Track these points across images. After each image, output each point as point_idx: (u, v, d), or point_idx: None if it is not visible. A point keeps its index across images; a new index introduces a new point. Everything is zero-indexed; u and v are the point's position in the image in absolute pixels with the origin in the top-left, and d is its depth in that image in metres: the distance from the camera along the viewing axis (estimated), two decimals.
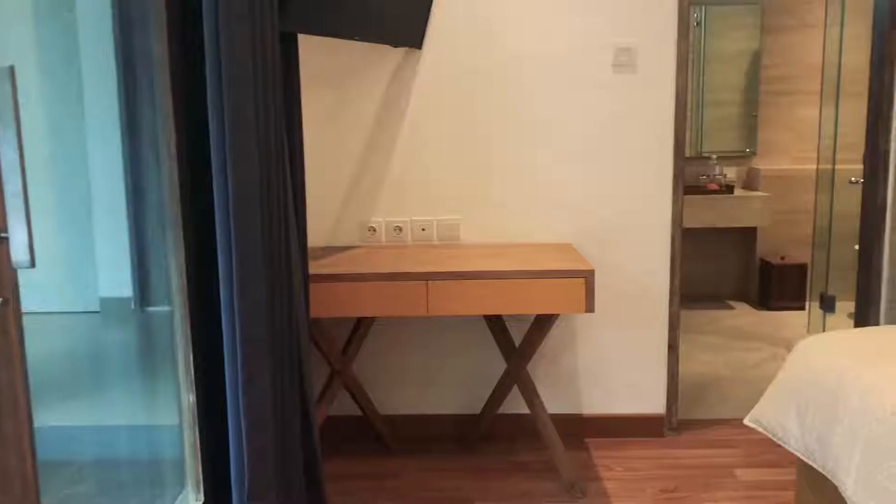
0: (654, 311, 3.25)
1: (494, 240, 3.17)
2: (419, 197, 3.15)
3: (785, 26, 5.35)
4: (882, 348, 2.21)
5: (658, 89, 3.11)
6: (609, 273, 3.20)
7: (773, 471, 2.96)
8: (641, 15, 3.06)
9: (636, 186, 3.17)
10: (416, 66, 3.08)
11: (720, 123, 5.53)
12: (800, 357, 2.35)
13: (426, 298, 2.66)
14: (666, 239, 3.21)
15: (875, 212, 3.32)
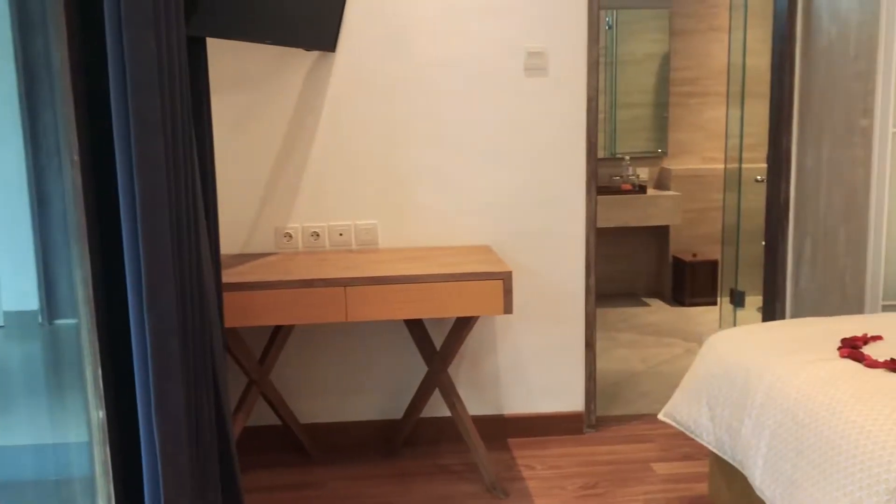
0: (571, 311, 3.30)
1: (413, 244, 3.17)
2: (336, 202, 3.12)
3: (692, 30, 5.52)
4: (786, 341, 2.29)
5: (570, 92, 3.16)
6: (527, 274, 3.23)
7: (688, 463, 3.04)
8: (552, 19, 3.11)
9: (551, 188, 3.21)
10: (329, 69, 3.05)
11: (633, 125, 5.66)
12: (709, 352, 2.42)
13: (345, 304, 2.63)
14: (581, 239, 3.27)
15: (779, 209, 3.45)
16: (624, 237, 5.61)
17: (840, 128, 3.05)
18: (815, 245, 3.26)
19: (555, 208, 3.23)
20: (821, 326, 2.43)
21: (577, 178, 3.23)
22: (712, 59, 5.49)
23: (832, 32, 3.09)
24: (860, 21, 2.90)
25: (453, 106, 3.12)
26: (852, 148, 2.97)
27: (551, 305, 3.29)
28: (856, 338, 2.24)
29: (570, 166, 3.22)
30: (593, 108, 3.20)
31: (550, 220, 3.23)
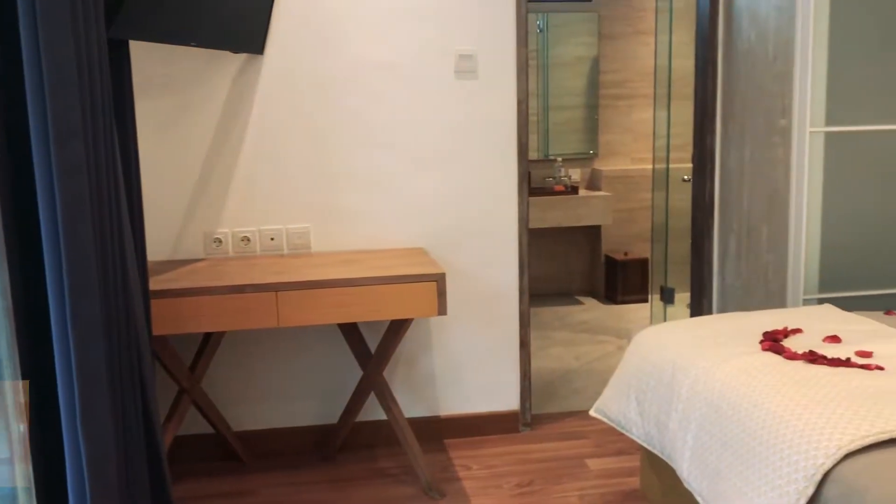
0: (506, 311, 3.33)
1: (346, 247, 3.15)
2: (267, 206, 3.09)
3: (620, 33, 5.62)
4: (711, 336, 2.36)
5: (500, 94, 3.19)
6: (461, 275, 3.25)
7: (621, 458, 3.09)
8: (481, 22, 3.13)
9: (483, 189, 3.24)
10: (258, 71, 3.02)
11: (565, 127, 5.74)
12: (637, 349, 2.47)
13: (276, 310, 2.61)
14: (514, 240, 3.30)
15: (704, 207, 3.55)
16: (557, 237, 5.69)
17: (761, 128, 3.15)
18: (739, 242, 3.36)
19: (488, 210, 3.25)
20: (744, 321, 2.50)
21: (509, 179, 3.27)
22: (640, 61, 5.60)
23: (752, 35, 3.19)
24: (777, 24, 3.00)
25: (385, 108, 3.12)
26: (773, 148, 3.07)
27: (486, 306, 3.31)
28: (777, 331, 2.31)
29: (501, 168, 3.25)
30: (523, 110, 3.24)
31: (484, 222, 3.26)
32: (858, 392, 1.85)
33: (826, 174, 2.92)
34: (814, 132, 2.88)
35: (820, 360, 2.07)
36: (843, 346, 2.19)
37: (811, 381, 1.93)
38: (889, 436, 1.66)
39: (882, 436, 1.66)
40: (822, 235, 2.95)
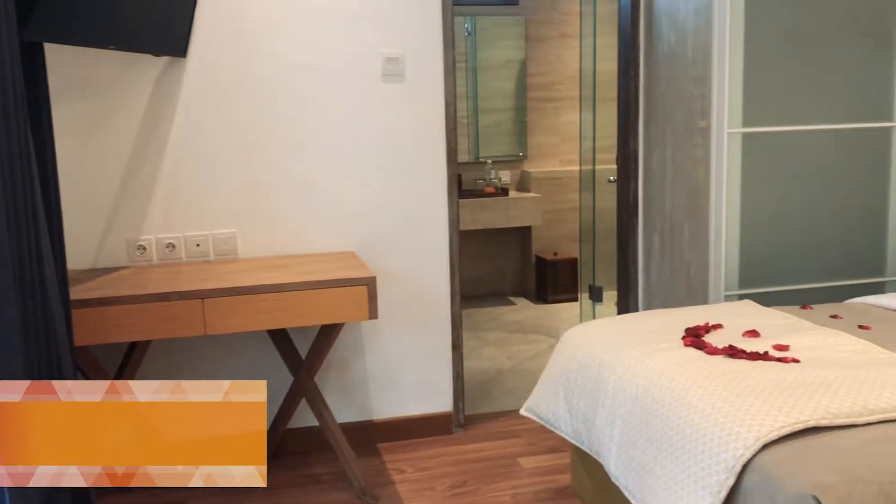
0: (438, 313, 3.34)
1: (274, 252, 3.12)
2: (192, 211, 3.03)
3: (546, 37, 5.70)
4: (635, 332, 2.41)
5: (428, 97, 3.20)
6: (392, 278, 3.24)
7: (553, 456, 3.13)
8: (408, 25, 3.14)
9: (413, 192, 3.24)
10: (181, 74, 2.96)
11: (494, 129, 5.79)
12: (565, 347, 2.51)
13: (202, 317, 2.56)
14: (444, 242, 3.31)
15: (629, 207, 3.62)
16: (489, 239, 5.73)
17: (681, 129, 3.23)
18: (662, 240, 3.44)
19: (418, 212, 3.26)
20: (667, 317, 2.57)
21: (438, 181, 3.28)
22: (566, 64, 5.69)
23: (672, 39, 3.27)
24: (696, 28, 3.08)
25: (312, 111, 3.09)
26: (693, 148, 3.15)
27: (418, 308, 3.32)
28: (698, 327, 2.38)
29: (431, 170, 3.26)
30: (451, 112, 3.26)
31: (414, 224, 3.26)
32: (775, 384, 1.91)
33: (744, 174, 3.02)
34: (731, 133, 2.97)
35: (739, 354, 2.13)
36: (761, 340, 2.27)
37: (731, 374, 1.99)
38: (804, 425, 1.73)
39: (797, 426, 1.73)
40: (742, 233, 3.04)
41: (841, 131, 3.09)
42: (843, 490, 1.54)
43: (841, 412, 1.76)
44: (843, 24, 3.04)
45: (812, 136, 3.06)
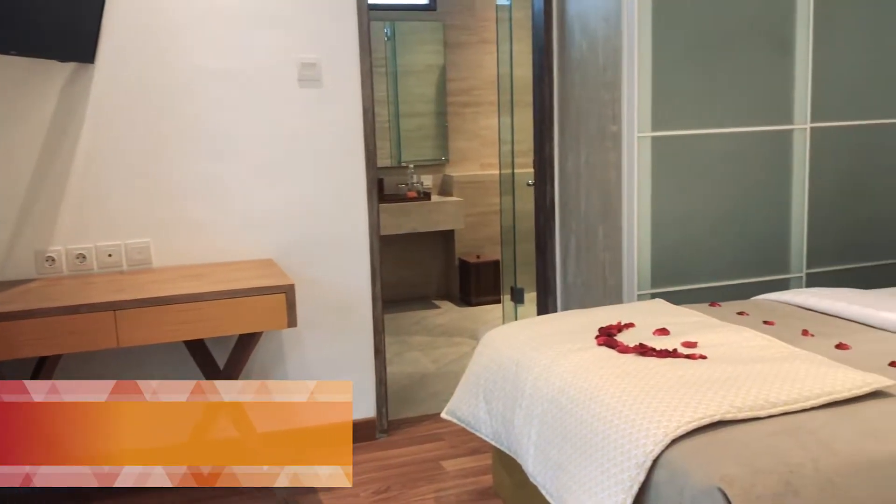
0: (359, 318, 3.34)
1: (190, 261, 3.06)
2: (103, 221, 2.95)
3: (465, 42, 5.75)
4: (552, 333, 2.46)
5: (345, 102, 3.20)
6: (312, 285, 3.22)
7: (475, 457, 3.16)
8: (324, 31, 3.13)
9: (332, 198, 3.23)
10: (90, 81, 2.89)
11: (416, 134, 5.81)
12: (484, 349, 2.54)
13: (115, 329, 2.50)
14: (365, 247, 3.31)
15: (546, 210, 3.69)
16: (412, 243, 5.74)
17: (594, 133, 3.31)
18: (578, 242, 3.51)
19: (338, 218, 3.25)
20: (582, 317, 2.62)
21: (358, 187, 3.27)
22: (484, 70, 5.75)
23: (583, 45, 3.35)
24: (605, 35, 3.16)
25: (227, 117, 3.05)
26: (605, 152, 3.23)
27: (339, 315, 3.31)
28: (611, 326, 2.44)
29: (350, 176, 3.25)
30: (370, 117, 3.26)
31: (334, 230, 3.25)
32: (683, 381, 1.98)
33: (654, 176, 3.10)
34: (641, 137, 3.05)
35: (649, 352, 2.20)
36: (671, 337, 2.34)
37: (641, 372, 2.05)
38: (709, 420, 1.79)
39: (703, 420, 1.79)
40: (653, 234, 3.13)
41: (745, 134, 3.21)
42: (746, 481, 1.61)
43: (744, 406, 1.83)
44: (745, 31, 3.16)
45: (718, 138, 3.17)
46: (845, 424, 1.80)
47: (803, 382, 1.94)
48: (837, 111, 3.33)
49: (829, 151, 3.33)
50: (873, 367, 2.11)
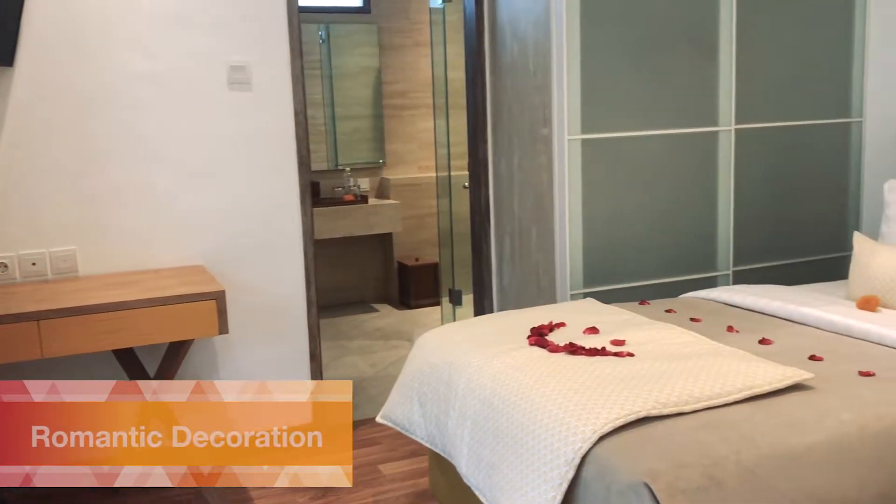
0: (294, 323, 3.31)
1: (118, 269, 3.00)
2: (26, 229, 2.87)
3: (400, 45, 5.75)
4: (485, 334, 2.48)
5: (277, 106, 3.17)
6: (245, 291, 3.18)
7: (412, 460, 3.16)
8: (253, 33, 3.10)
9: (264, 202, 3.20)
10: (9, 84, 2.80)
11: (353, 137, 5.78)
12: (418, 352, 2.54)
13: (39, 340, 2.43)
14: (299, 252, 3.28)
15: (481, 212, 3.71)
16: (350, 247, 5.72)
17: (526, 136, 3.34)
18: (513, 244, 3.54)
19: (271, 223, 3.22)
20: (515, 318, 2.65)
21: (290, 191, 3.25)
22: (420, 72, 5.76)
23: (514, 49, 3.38)
24: (535, 39, 3.20)
25: (154, 121, 3.00)
26: (537, 155, 3.27)
27: (273, 320, 3.27)
28: (542, 326, 2.47)
29: (283, 179, 3.22)
30: (302, 121, 3.23)
31: (267, 235, 3.22)
32: (611, 378, 2.01)
33: (584, 178, 3.15)
34: (571, 140, 3.10)
35: (579, 350, 2.23)
36: (600, 336, 2.38)
37: (571, 371, 2.08)
38: (636, 416, 1.82)
39: (630, 417, 1.82)
40: (584, 234, 3.18)
41: (673, 136, 3.28)
42: (670, 475, 1.64)
43: (670, 402, 1.87)
44: (672, 36, 3.23)
45: (646, 140, 3.24)
46: (766, 417, 1.85)
47: (726, 377, 1.99)
48: (761, 113, 3.42)
49: (753, 152, 3.42)
50: (794, 361, 2.18)
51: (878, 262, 2.70)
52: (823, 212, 3.62)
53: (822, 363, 2.19)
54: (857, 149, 3.64)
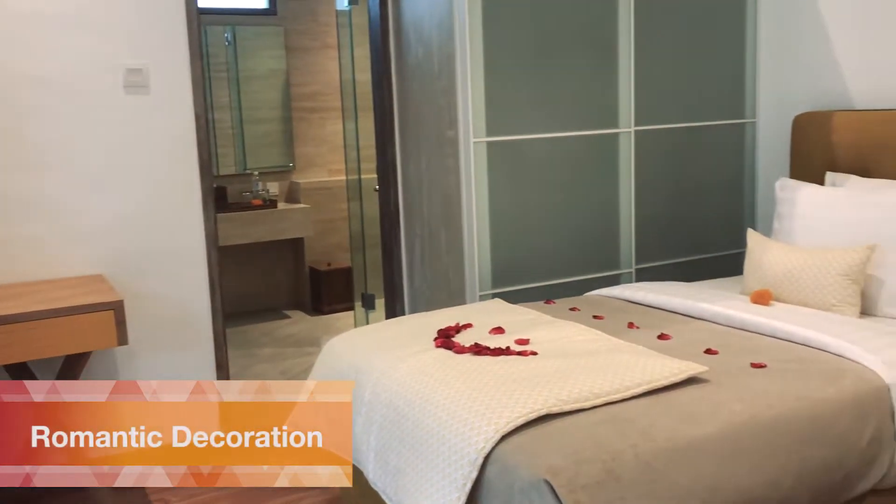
0: (199, 333, 3.23)
1: (11, 279, 2.87)
2: None
3: (307, 47, 5.69)
4: (392, 338, 2.47)
5: (176, 110, 3.09)
6: (147, 300, 3.09)
7: None
8: (150, 36, 3.02)
9: (166, 209, 3.12)
10: None
11: (262, 140, 5.69)
12: (325, 358, 2.52)
13: None
14: (202, 259, 3.21)
15: (391, 215, 3.71)
16: (260, 252, 5.62)
17: (433, 139, 3.35)
18: (423, 246, 3.55)
19: (172, 230, 3.14)
20: (423, 320, 2.65)
21: (193, 196, 3.17)
22: (328, 74, 5.71)
23: (419, 52, 3.39)
24: (440, 42, 3.21)
25: (45, 126, 2.89)
26: (444, 157, 3.28)
27: (177, 330, 3.19)
28: (449, 328, 2.48)
29: (184, 185, 3.15)
30: (203, 125, 3.16)
31: (169, 242, 3.14)
32: (514, 377, 2.04)
33: (491, 180, 3.18)
34: (477, 142, 3.12)
35: (484, 351, 2.25)
36: (505, 336, 2.40)
37: (475, 371, 2.09)
38: (537, 414, 1.85)
39: (532, 415, 1.84)
40: (492, 236, 3.21)
41: (575, 138, 3.34)
42: (570, 471, 1.67)
43: (570, 399, 1.91)
44: (573, 40, 3.29)
45: (550, 143, 3.29)
46: (663, 411, 1.91)
47: (625, 373, 2.03)
48: (659, 115, 3.52)
49: (652, 153, 3.52)
50: (690, 355, 2.25)
51: (770, 258, 2.82)
52: (720, 210, 3.75)
53: (717, 356, 2.27)
54: (750, 149, 3.78)
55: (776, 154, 3.66)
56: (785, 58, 3.63)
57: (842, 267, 2.62)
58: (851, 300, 2.62)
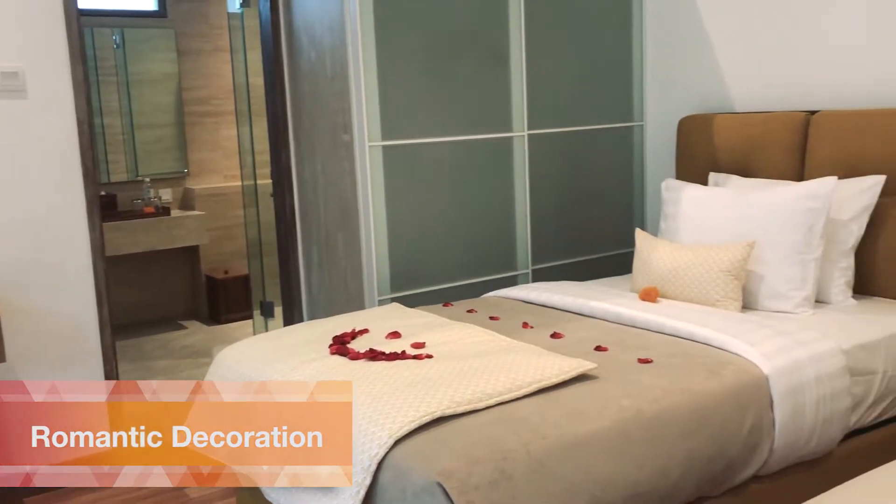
0: (86, 347, 3.11)
1: None
2: None
3: (199, 50, 5.56)
4: (286, 346, 2.43)
5: (57, 115, 2.97)
6: (27, 315, 2.95)
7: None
8: (26, 37, 2.88)
9: (47, 219, 2.98)
10: None
11: (155, 146, 5.52)
12: (217, 369, 2.46)
13: None
14: (88, 270, 3.09)
15: (287, 221, 3.65)
16: (153, 261, 5.45)
17: (328, 143, 3.32)
18: (321, 252, 3.51)
19: (54, 241, 3.00)
20: (320, 327, 2.62)
21: (76, 205, 3.05)
22: (222, 78, 5.59)
23: (312, 55, 3.35)
24: (332, 45, 3.19)
25: None
26: (340, 161, 3.25)
27: (63, 345, 3.06)
28: (345, 334, 2.46)
29: (67, 194, 3.02)
30: (86, 130, 3.04)
31: (51, 254, 3.00)
32: (409, 381, 2.03)
33: (387, 184, 3.17)
34: (372, 146, 3.11)
35: (379, 356, 2.24)
36: (401, 340, 2.40)
37: (370, 377, 2.08)
38: (431, 417, 1.85)
39: (425, 418, 1.84)
40: (389, 240, 3.20)
41: (470, 142, 3.37)
42: (463, 473, 1.68)
43: (463, 400, 1.91)
44: (466, 44, 3.31)
45: (445, 146, 3.31)
46: (553, 408, 1.94)
47: (517, 372, 2.06)
48: (551, 119, 3.59)
49: (545, 156, 3.58)
50: (581, 353, 2.29)
51: (657, 257, 2.91)
52: (611, 210, 3.85)
53: (607, 353, 2.32)
54: (639, 151, 3.90)
55: (663, 156, 3.79)
56: (671, 63, 3.76)
57: (724, 263, 2.73)
58: (733, 295, 2.73)
